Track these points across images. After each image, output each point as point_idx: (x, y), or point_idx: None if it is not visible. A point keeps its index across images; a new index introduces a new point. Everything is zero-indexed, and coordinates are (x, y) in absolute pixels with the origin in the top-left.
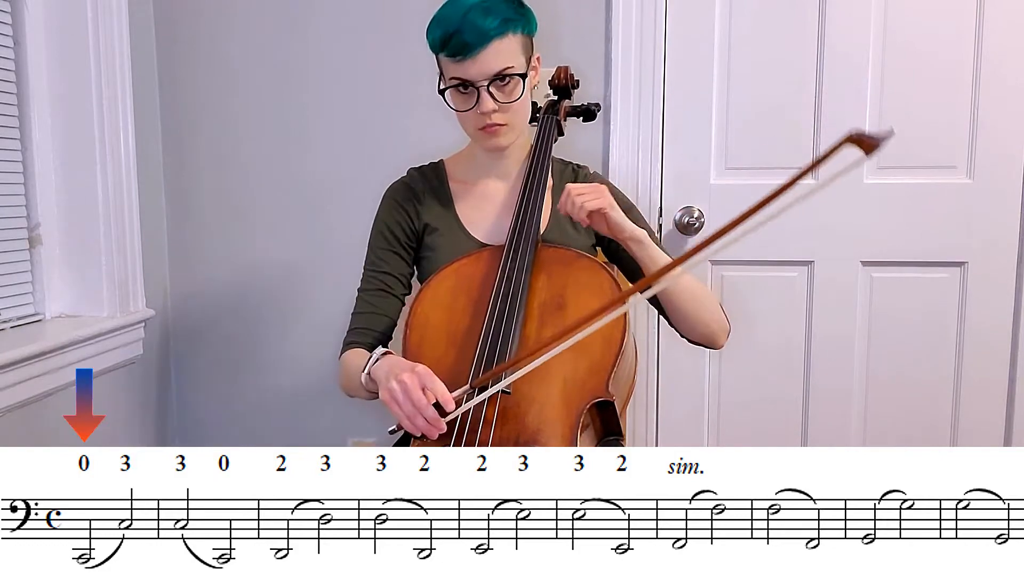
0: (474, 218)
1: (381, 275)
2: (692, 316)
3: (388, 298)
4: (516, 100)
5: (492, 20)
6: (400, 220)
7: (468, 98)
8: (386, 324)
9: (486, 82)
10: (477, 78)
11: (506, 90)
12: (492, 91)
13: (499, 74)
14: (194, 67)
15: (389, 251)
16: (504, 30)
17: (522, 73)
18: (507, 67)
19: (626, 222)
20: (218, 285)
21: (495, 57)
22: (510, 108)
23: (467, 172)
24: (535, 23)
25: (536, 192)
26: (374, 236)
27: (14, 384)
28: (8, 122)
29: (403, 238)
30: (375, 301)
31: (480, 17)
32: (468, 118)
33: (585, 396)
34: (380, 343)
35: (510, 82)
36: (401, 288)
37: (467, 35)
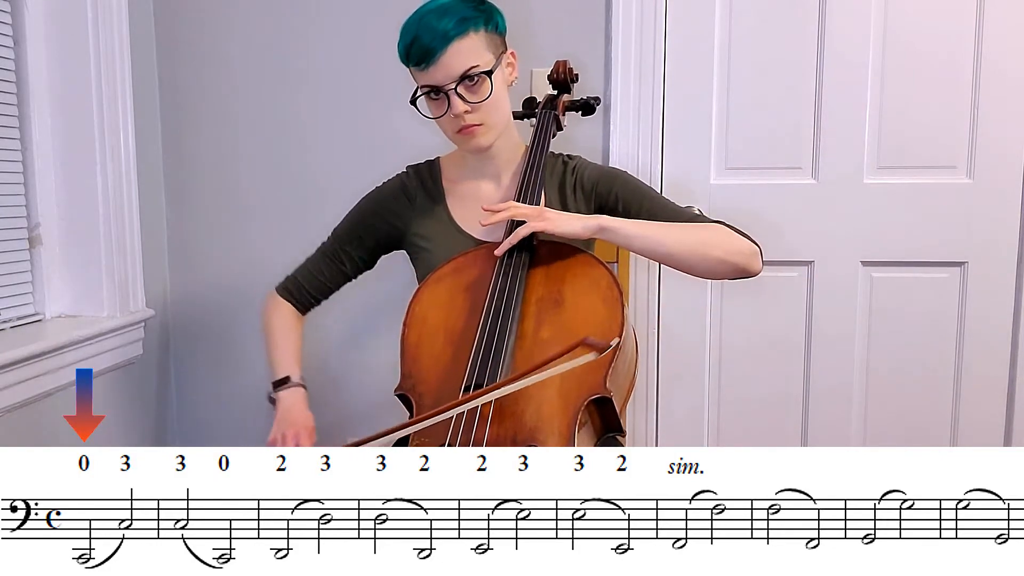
0: (467, 216)
1: (343, 249)
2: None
3: (337, 272)
4: (486, 99)
5: (448, 21)
6: (386, 221)
7: (440, 104)
8: (325, 291)
9: (453, 84)
10: (443, 82)
11: (474, 89)
12: (461, 92)
13: (465, 74)
14: (194, 67)
15: (360, 240)
16: (463, 29)
17: (488, 71)
18: (471, 67)
19: (572, 225)
20: (218, 285)
21: (457, 58)
22: (481, 107)
23: (460, 171)
24: (501, 20)
25: (534, 186)
26: (357, 212)
27: (14, 384)
28: (8, 122)
29: (379, 240)
30: (326, 268)
31: (436, 20)
32: (444, 123)
33: (583, 393)
34: (311, 305)
35: (477, 80)
36: (353, 268)
37: (426, 39)
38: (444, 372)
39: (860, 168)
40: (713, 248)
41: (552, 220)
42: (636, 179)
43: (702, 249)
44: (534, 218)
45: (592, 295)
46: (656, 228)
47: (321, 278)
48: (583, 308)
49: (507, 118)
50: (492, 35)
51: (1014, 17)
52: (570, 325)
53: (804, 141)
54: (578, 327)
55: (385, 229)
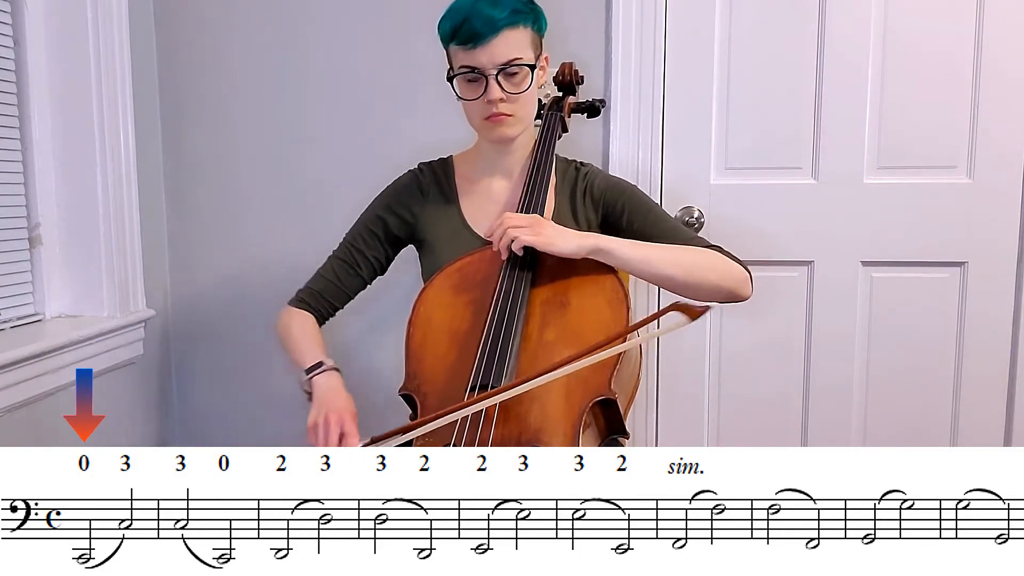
0: (478, 215)
1: (356, 252)
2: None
3: (353, 276)
4: (524, 91)
5: (502, 10)
6: (397, 214)
7: (476, 86)
8: (342, 298)
9: (495, 70)
10: (487, 66)
11: (514, 80)
12: (500, 80)
13: (508, 63)
14: (194, 67)
15: (373, 236)
16: (515, 20)
17: (531, 64)
18: (516, 57)
19: (567, 244)
20: (218, 285)
21: (505, 46)
22: (517, 99)
23: (473, 169)
24: (545, 23)
25: (539, 189)
26: (368, 215)
27: (14, 384)
28: (8, 122)
29: (391, 233)
30: (341, 273)
31: (490, 7)
32: (474, 107)
33: (587, 394)
34: (328, 314)
35: (519, 72)
36: (369, 272)
37: (477, 23)
38: (449, 373)
39: (860, 168)
40: (708, 272)
41: (546, 236)
42: (644, 195)
43: (697, 273)
44: (528, 230)
45: (597, 297)
46: (652, 250)
47: (338, 284)
48: (588, 310)
49: (532, 115)
50: (536, 35)
51: (1014, 17)
52: (575, 327)
53: (804, 141)
54: (583, 329)
55: (396, 222)
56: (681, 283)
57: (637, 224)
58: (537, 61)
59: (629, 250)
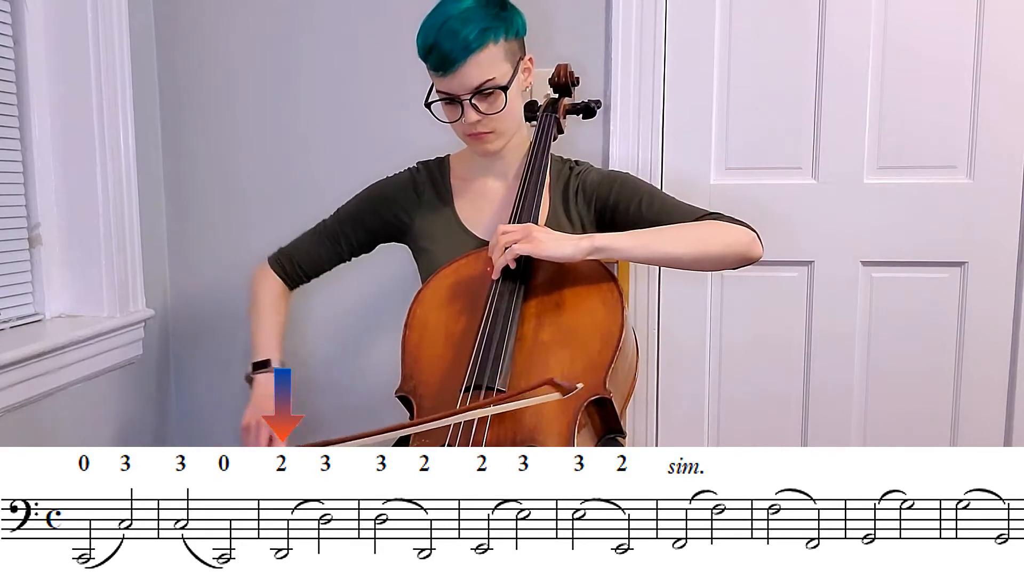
0: (473, 215)
1: (343, 231)
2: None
3: (334, 253)
4: (499, 111)
5: (471, 30)
6: (391, 210)
7: (454, 110)
8: (317, 269)
9: (468, 95)
10: (459, 92)
11: (489, 101)
12: (475, 103)
13: (479, 87)
14: (194, 67)
15: (361, 222)
16: (483, 41)
17: (503, 86)
18: (487, 80)
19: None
20: (218, 285)
21: (475, 70)
22: (494, 117)
23: (468, 169)
24: (522, 23)
25: (533, 190)
26: (363, 198)
27: (14, 384)
28: (8, 122)
29: (380, 225)
30: (322, 246)
31: (459, 26)
32: (456, 127)
33: (583, 393)
34: (301, 282)
35: (493, 93)
36: (350, 250)
37: (447, 45)
38: (445, 374)
39: (860, 168)
40: (711, 244)
41: (541, 243)
42: (636, 178)
43: (700, 246)
44: (522, 239)
45: (592, 297)
46: (652, 236)
47: (316, 257)
48: (583, 310)
49: (518, 123)
50: (511, 43)
51: (1014, 17)
52: (570, 327)
53: (804, 141)
54: (578, 329)
55: (390, 220)
56: (690, 260)
57: (632, 211)
58: (516, 68)
59: (628, 241)
